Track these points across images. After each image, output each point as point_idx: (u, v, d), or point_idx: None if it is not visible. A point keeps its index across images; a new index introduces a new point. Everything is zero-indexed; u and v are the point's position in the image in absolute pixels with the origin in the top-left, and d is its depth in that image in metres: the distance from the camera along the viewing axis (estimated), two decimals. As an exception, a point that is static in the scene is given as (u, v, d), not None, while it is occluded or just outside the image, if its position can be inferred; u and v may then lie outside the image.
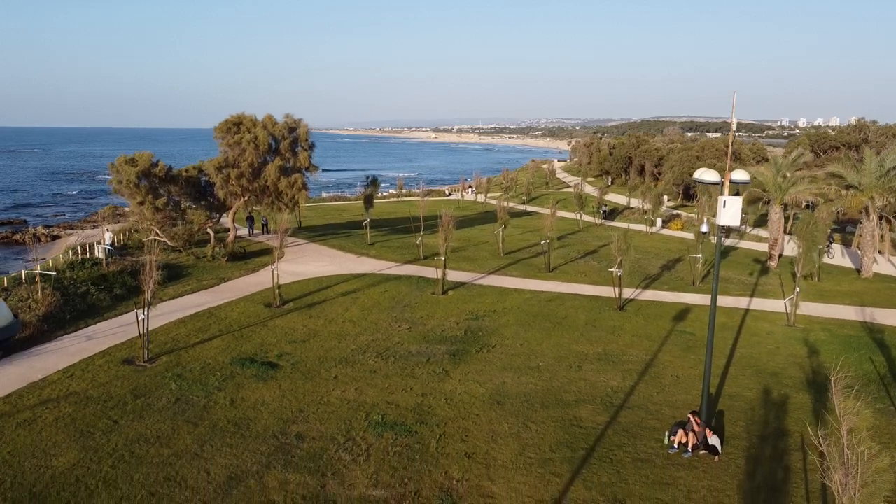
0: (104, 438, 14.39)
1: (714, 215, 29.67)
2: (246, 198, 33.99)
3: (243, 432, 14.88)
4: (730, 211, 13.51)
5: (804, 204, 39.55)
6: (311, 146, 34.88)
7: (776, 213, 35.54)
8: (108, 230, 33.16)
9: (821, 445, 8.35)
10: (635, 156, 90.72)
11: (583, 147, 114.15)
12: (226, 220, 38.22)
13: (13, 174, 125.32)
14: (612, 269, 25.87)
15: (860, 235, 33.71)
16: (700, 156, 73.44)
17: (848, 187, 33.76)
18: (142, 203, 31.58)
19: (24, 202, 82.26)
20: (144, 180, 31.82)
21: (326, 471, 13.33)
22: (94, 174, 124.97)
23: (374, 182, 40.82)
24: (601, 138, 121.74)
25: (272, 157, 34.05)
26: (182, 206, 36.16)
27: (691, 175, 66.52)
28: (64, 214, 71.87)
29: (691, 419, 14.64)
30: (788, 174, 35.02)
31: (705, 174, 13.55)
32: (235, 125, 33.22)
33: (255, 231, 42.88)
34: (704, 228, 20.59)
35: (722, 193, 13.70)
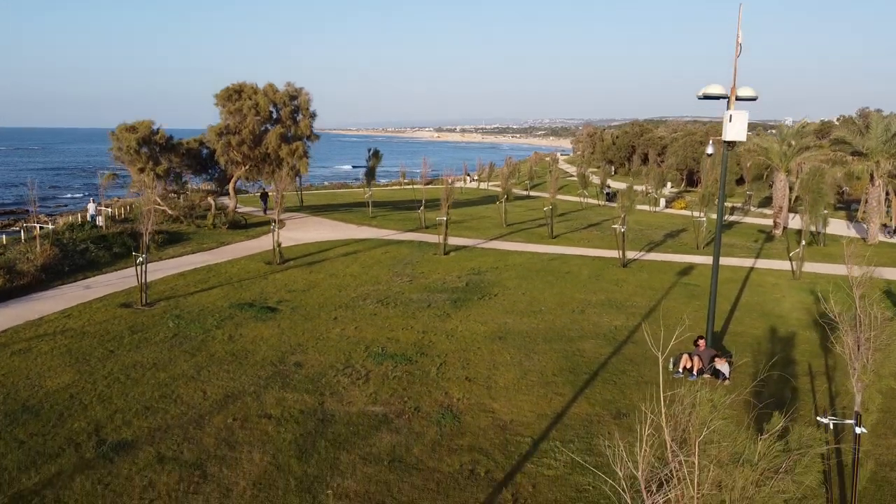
0: (99, 364, 14.19)
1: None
2: (247, 166, 33.81)
3: (241, 361, 14.66)
4: (736, 126, 13.25)
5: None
6: (313, 115, 34.70)
7: (781, 181, 35.22)
8: (92, 200, 33.08)
9: (832, 311, 8.09)
10: (638, 144, 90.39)
11: (586, 137, 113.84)
12: (227, 200, 37.93)
13: (16, 170, 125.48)
14: (615, 226, 25.60)
15: (866, 202, 33.35)
16: (703, 141, 73.11)
17: (854, 154, 33.44)
18: (142, 170, 31.42)
19: (26, 195, 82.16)
20: (145, 147, 31.67)
21: (325, 391, 13.10)
22: (96, 169, 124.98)
23: (375, 154, 40.60)
24: (604, 130, 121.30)
25: (273, 125, 33.87)
26: (183, 178, 36.09)
27: (695, 160, 65.76)
28: (66, 205, 71.79)
29: (697, 343, 14.39)
30: (794, 142, 34.69)
31: (711, 88, 13.30)
32: (237, 93, 33.06)
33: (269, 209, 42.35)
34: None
35: (728, 108, 13.42)
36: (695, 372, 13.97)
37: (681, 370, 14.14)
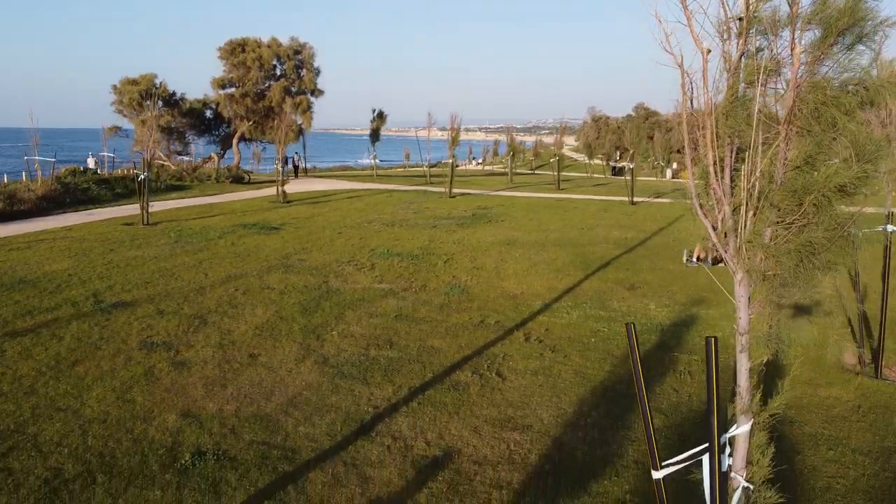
0: (99, 257, 13.90)
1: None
2: (251, 122, 33.54)
3: (243, 258, 14.33)
4: None
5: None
6: (317, 70, 34.42)
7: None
8: (91, 155, 32.96)
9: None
10: (644, 127, 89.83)
11: (590, 122, 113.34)
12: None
13: (20, 164, 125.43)
14: (623, 164, 25.20)
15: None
16: (710, 120, 72.15)
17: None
18: (145, 122, 31.15)
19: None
20: (148, 100, 31.40)
21: (329, 275, 12.77)
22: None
23: (380, 115, 40.32)
24: (608, 118, 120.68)
25: (277, 80, 33.58)
26: (187, 138, 35.87)
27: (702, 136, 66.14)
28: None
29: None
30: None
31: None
32: (240, 46, 32.76)
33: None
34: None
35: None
36: (710, 261, 13.59)
37: (695, 259, 13.77)
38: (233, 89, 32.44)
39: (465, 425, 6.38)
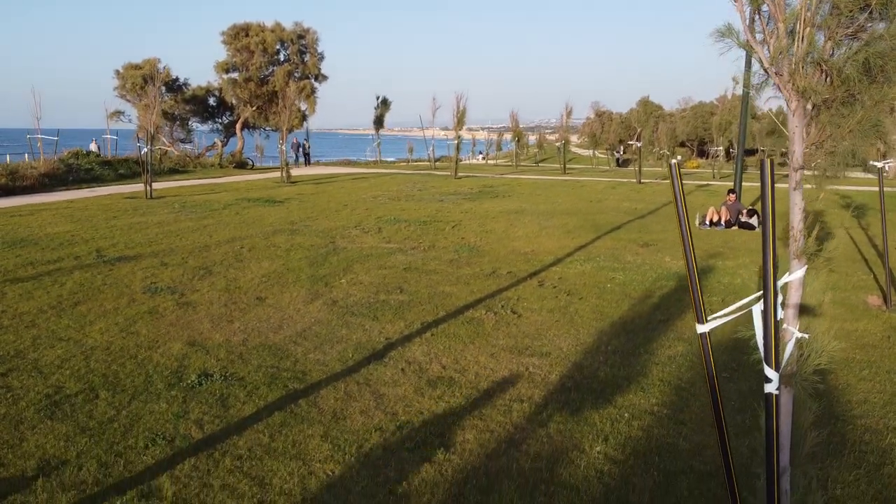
0: (102, 223, 13.71)
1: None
2: (254, 107, 33.32)
3: (249, 224, 14.11)
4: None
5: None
6: (321, 55, 34.18)
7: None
8: (94, 141, 32.79)
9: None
10: (648, 120, 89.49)
11: (594, 117, 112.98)
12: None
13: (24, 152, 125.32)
14: (631, 142, 24.95)
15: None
16: (714, 112, 72.10)
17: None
18: (147, 107, 30.92)
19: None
20: (151, 84, 31.18)
21: (336, 237, 12.55)
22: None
23: (384, 102, 40.08)
24: (612, 113, 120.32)
25: (280, 65, 33.36)
26: (189, 125, 35.67)
27: (705, 129, 64.21)
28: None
29: (728, 197, 13.77)
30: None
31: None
32: (244, 31, 32.54)
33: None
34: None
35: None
36: (723, 223, 13.34)
37: (707, 223, 13.52)
38: (236, 74, 32.21)
39: (481, 352, 6.15)
